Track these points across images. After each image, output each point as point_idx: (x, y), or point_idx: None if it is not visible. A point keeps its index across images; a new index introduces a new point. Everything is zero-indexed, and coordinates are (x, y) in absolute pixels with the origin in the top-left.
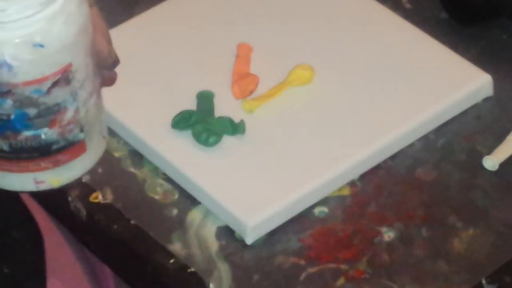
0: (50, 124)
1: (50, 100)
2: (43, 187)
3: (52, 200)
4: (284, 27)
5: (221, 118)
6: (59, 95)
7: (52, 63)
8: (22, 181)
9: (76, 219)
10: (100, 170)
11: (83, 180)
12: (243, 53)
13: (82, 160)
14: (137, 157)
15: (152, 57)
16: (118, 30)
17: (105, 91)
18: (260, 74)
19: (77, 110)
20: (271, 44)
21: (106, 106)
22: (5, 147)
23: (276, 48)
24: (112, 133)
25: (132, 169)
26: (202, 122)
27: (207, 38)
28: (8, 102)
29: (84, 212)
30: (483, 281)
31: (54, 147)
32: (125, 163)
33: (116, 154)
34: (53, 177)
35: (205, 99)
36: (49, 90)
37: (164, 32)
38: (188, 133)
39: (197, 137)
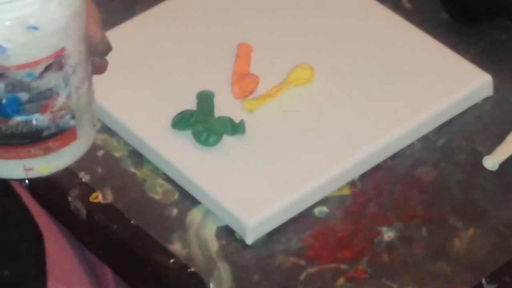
0: (42, 109)
1: (42, 84)
2: (32, 174)
3: (52, 200)
4: (284, 27)
5: (221, 118)
6: (52, 79)
7: (45, 46)
8: (11, 168)
9: (76, 219)
10: (100, 170)
11: (83, 180)
12: (243, 53)
13: (73, 148)
14: (137, 157)
15: (152, 57)
16: (118, 30)
17: (106, 91)
18: (260, 74)
19: (69, 96)
20: (271, 44)
21: (106, 106)
22: None
23: (276, 48)
24: (112, 133)
25: (132, 169)
26: (202, 122)
27: (207, 38)
28: (0, 86)
29: (84, 212)
30: (483, 281)
31: (45, 133)
32: (125, 163)
33: (116, 154)
34: (43, 165)
35: (205, 99)
36: (41, 75)
37: (164, 32)
38: (188, 133)
39: (197, 137)
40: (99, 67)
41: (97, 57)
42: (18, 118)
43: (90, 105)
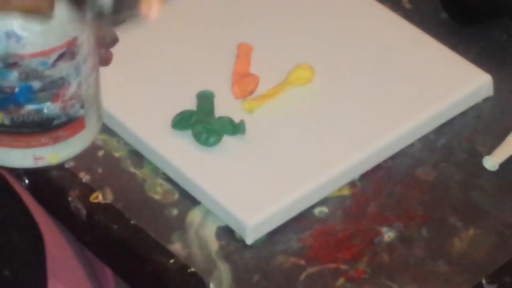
0: (53, 98)
1: (55, 73)
2: (41, 163)
3: (52, 200)
4: (284, 27)
5: (221, 118)
6: (64, 68)
7: (59, 35)
8: (21, 157)
9: (76, 219)
10: (100, 170)
11: (83, 180)
12: (243, 53)
13: (81, 137)
14: (137, 157)
15: (152, 57)
16: (118, 30)
17: (106, 91)
18: (260, 74)
19: (79, 85)
20: (271, 44)
21: (106, 106)
22: (6, 121)
23: (276, 48)
24: (112, 133)
25: (132, 169)
26: (202, 122)
27: (207, 38)
28: (14, 75)
29: (84, 212)
30: (483, 281)
31: (55, 122)
32: (125, 163)
33: (116, 154)
34: (52, 154)
35: (205, 99)
36: (54, 63)
37: (164, 32)
38: (188, 133)
39: (197, 137)
40: (105, 59)
41: (103, 49)
42: (30, 107)
43: (97, 96)
